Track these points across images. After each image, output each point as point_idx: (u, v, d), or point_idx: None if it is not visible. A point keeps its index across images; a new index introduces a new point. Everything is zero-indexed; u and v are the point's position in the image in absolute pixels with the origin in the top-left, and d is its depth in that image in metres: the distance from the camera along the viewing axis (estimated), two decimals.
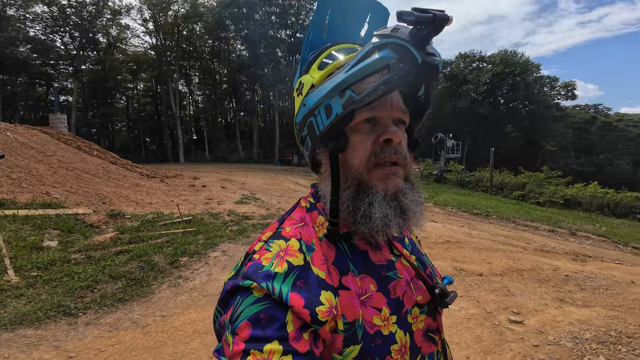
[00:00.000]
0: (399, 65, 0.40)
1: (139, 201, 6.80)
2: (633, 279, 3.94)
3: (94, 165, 8.89)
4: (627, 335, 2.52)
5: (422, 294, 0.53)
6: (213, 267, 3.71)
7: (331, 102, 0.46)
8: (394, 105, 0.48)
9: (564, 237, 6.79)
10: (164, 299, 2.97)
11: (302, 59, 0.55)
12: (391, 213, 0.46)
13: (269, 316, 0.40)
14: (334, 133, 0.48)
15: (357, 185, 0.48)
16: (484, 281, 3.69)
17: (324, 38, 0.55)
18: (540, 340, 2.49)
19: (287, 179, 13.85)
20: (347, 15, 0.54)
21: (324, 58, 0.52)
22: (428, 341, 0.52)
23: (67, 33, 25.69)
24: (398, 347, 0.46)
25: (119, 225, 4.85)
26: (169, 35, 28.64)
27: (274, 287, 0.41)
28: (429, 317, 0.53)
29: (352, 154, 0.48)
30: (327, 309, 0.42)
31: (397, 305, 0.49)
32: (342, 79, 0.44)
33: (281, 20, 29.50)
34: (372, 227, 0.46)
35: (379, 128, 0.48)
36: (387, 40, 0.40)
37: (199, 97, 36.88)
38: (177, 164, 24.73)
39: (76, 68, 25.91)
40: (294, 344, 0.39)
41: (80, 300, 2.79)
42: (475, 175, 15.51)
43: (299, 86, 0.53)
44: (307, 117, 0.51)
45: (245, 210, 6.42)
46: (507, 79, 32.32)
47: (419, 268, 0.55)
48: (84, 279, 3.06)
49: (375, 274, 0.49)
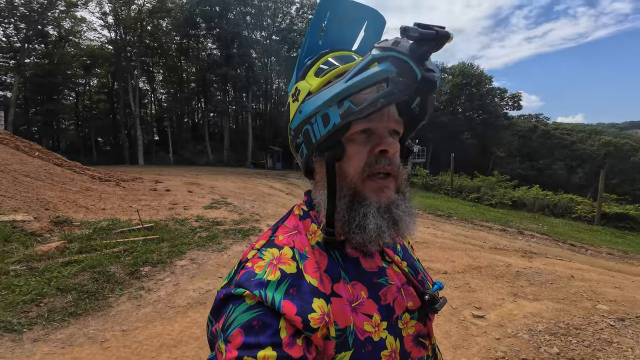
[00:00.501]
0: (399, 79, 0.40)
1: (90, 207, 6.19)
2: (572, 274, 4.43)
3: (35, 167, 7.92)
4: (574, 327, 2.81)
5: (413, 300, 0.54)
6: (180, 276, 3.48)
7: (329, 111, 0.46)
8: (390, 116, 0.49)
9: (514, 236, 7.46)
10: (123, 312, 2.73)
11: (298, 63, 0.55)
12: (384, 224, 0.47)
13: (262, 323, 0.40)
14: (330, 142, 0.48)
15: (352, 195, 0.48)
16: (448, 279, 3.92)
17: (320, 43, 0.55)
18: (501, 333, 2.69)
19: (261, 182, 13.55)
20: (344, 21, 0.54)
21: (321, 64, 0.51)
22: (418, 346, 0.53)
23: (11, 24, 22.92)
24: (388, 352, 0.47)
25: (66, 233, 4.36)
26: (131, 30, 26.68)
27: (266, 294, 0.41)
28: (419, 323, 0.54)
29: (348, 163, 0.48)
30: (319, 316, 0.42)
31: (388, 312, 0.50)
32: (341, 88, 0.44)
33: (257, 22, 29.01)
34: (366, 238, 0.47)
35: (375, 139, 0.48)
36: (387, 54, 0.40)
37: (163, 96, 34.80)
38: (136, 166, 23.01)
39: (19, 62, 23.11)
40: (287, 349, 0.39)
41: (24, 315, 2.48)
42: (438, 179, 16.50)
43: (295, 92, 0.52)
44: (303, 125, 0.50)
45: (215, 216, 6.12)
46: (465, 89, 35.13)
47: (410, 274, 0.56)
48: (27, 292, 2.72)
49: (366, 281, 0.50)
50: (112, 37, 27.66)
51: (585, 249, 6.76)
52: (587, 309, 3.20)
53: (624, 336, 2.68)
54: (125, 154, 27.30)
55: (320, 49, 0.54)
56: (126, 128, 30.08)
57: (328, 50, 0.54)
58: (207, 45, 31.36)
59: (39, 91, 25.68)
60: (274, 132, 31.02)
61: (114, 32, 27.33)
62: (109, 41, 27.92)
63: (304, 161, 0.54)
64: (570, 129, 44.70)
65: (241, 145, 29.26)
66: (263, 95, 33.43)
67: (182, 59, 31.11)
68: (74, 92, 30.50)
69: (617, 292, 3.75)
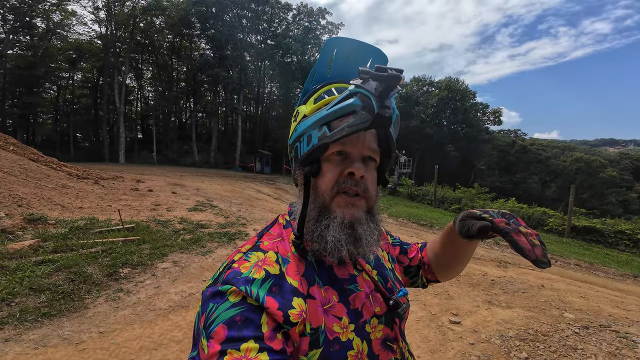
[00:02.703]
0: (362, 112, 0.49)
1: (67, 205, 5.96)
2: (543, 283, 4.66)
3: (8, 161, 7.53)
4: (542, 334, 2.96)
5: (380, 306, 0.58)
6: (162, 279, 3.41)
7: (312, 133, 0.54)
8: (365, 143, 0.54)
9: (490, 246, 7.72)
10: (100, 314, 2.65)
11: (304, 89, 0.62)
12: (344, 239, 0.52)
13: (244, 319, 0.43)
14: (310, 159, 0.55)
15: (320, 207, 0.54)
16: (428, 287, 4.03)
17: (328, 75, 0.62)
18: (475, 338, 2.81)
19: (249, 186, 13.36)
20: (350, 57, 0.61)
21: (323, 92, 0.58)
22: (386, 350, 0.57)
23: None
24: (354, 352, 0.51)
25: (40, 231, 4.19)
26: (123, 25, 26.05)
27: (251, 290, 0.45)
28: (386, 327, 0.58)
29: (322, 179, 0.54)
30: (298, 312, 0.47)
31: (356, 315, 0.54)
32: (321, 115, 0.53)
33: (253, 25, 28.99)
34: (325, 248, 0.52)
35: (348, 162, 0.54)
36: (357, 90, 0.49)
37: (150, 94, 33.95)
38: (116, 164, 22.22)
39: (0, 52, 22.11)
40: (269, 342, 0.42)
41: None
42: (423, 190, 16.90)
43: (295, 113, 0.61)
44: (295, 142, 0.59)
45: (200, 218, 6.02)
46: (450, 103, 36.36)
47: (379, 282, 0.61)
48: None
49: (337, 287, 0.54)
50: (102, 32, 26.87)
51: (555, 260, 7.11)
52: (555, 317, 3.39)
53: (588, 343, 2.85)
54: (105, 151, 26.28)
55: (329, 79, 0.61)
56: (108, 125, 29.03)
57: (333, 81, 0.60)
58: (200, 46, 31.01)
59: (18, 83, 24.43)
60: (264, 135, 30.85)
61: (104, 27, 26.60)
62: (98, 36, 27.08)
63: (292, 173, 0.62)
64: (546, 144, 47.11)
65: (229, 147, 28.89)
66: (255, 98, 33.30)
67: (174, 58, 30.60)
68: (55, 85, 29.25)
69: (582, 301, 3.97)
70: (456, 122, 37.84)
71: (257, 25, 29.32)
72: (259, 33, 30.02)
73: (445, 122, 38.41)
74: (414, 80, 39.34)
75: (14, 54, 24.14)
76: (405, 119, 35.11)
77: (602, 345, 2.79)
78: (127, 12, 25.63)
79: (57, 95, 29.96)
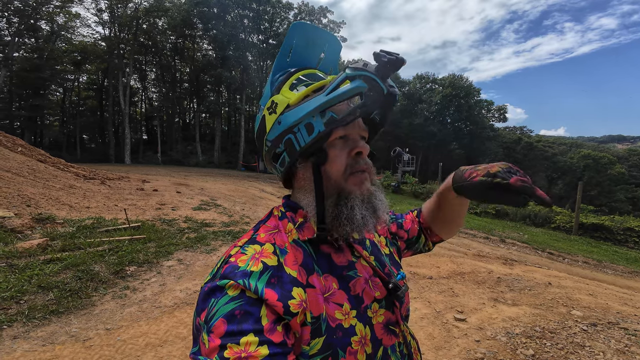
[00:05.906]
0: (369, 94, 0.49)
1: (74, 205, 6.04)
2: (550, 281, 4.61)
3: (17, 162, 7.66)
4: (549, 331, 2.93)
5: (380, 290, 0.58)
6: (167, 277, 3.44)
7: (312, 121, 0.52)
8: (359, 124, 0.57)
9: (496, 244, 7.67)
10: (107, 311, 2.68)
11: (270, 80, 0.60)
12: (368, 214, 0.54)
13: (244, 312, 0.43)
14: (314, 148, 0.54)
15: (337, 192, 0.55)
16: (433, 284, 4.02)
17: (288, 62, 0.61)
18: (480, 335, 2.79)
19: (252, 185, 13.42)
20: (309, 43, 0.61)
21: (294, 80, 0.57)
22: (389, 334, 0.57)
23: (4, 18, 22.30)
24: (358, 338, 0.51)
25: (48, 230, 4.25)
26: (126, 27, 26.29)
27: (250, 283, 0.45)
28: (387, 311, 0.58)
29: (331, 165, 0.54)
30: (298, 302, 0.46)
31: (357, 301, 0.54)
32: (323, 101, 0.51)
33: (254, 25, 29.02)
34: (355, 227, 0.53)
35: (350, 143, 0.56)
36: (359, 73, 0.49)
37: (154, 95, 34.24)
38: (122, 164, 22.47)
39: (6, 55, 22.41)
40: (268, 335, 0.42)
41: (3, 312, 2.42)
42: (427, 188, 16.82)
43: (271, 105, 0.57)
44: (284, 134, 0.55)
45: (204, 217, 6.06)
46: (454, 100, 36.03)
47: (376, 267, 0.61)
48: (7, 289, 2.65)
49: (337, 274, 0.55)
50: (105, 34, 27.14)
51: (562, 257, 7.02)
52: (562, 314, 3.35)
53: (596, 340, 2.81)
54: (111, 152, 26.60)
55: (288, 67, 0.60)
56: (114, 126, 29.37)
57: (296, 69, 0.59)
58: (203, 46, 31.16)
59: (25, 86, 24.80)
60: None
61: (108, 29, 26.87)
62: (102, 38, 27.35)
63: (284, 169, 0.58)
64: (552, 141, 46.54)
65: (232, 147, 29.01)
66: (257, 98, 33.39)
67: (177, 59, 30.79)
68: (61, 87, 29.66)
69: (590, 299, 3.92)
70: (460, 120, 37.53)
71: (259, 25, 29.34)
72: (260, 33, 30.04)
73: (449, 120, 38.11)
74: (417, 78, 39.08)
75: (20, 56, 24.47)
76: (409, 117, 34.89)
77: (611, 343, 2.75)
78: (129, 13, 25.84)
79: (64, 97, 30.39)
